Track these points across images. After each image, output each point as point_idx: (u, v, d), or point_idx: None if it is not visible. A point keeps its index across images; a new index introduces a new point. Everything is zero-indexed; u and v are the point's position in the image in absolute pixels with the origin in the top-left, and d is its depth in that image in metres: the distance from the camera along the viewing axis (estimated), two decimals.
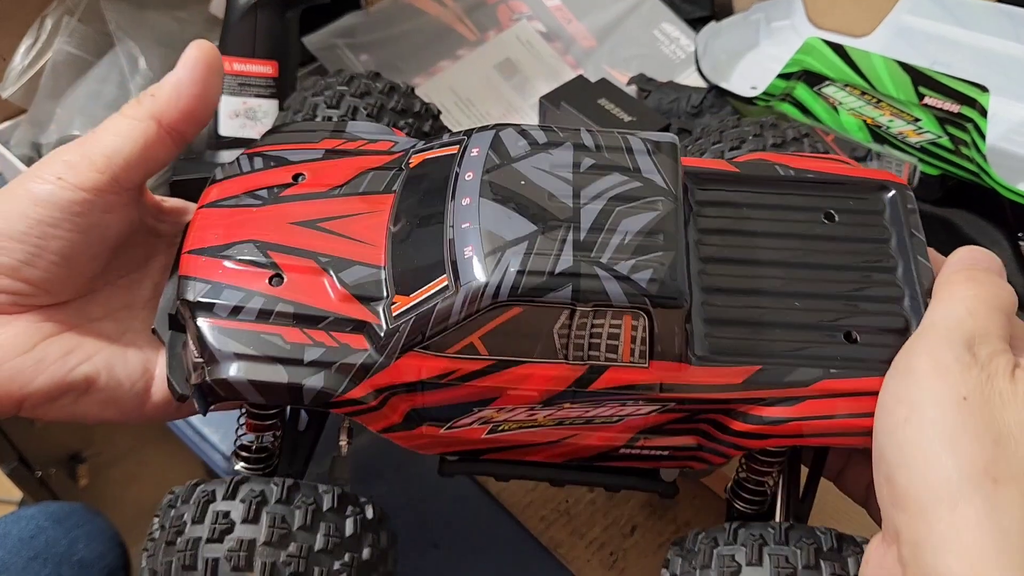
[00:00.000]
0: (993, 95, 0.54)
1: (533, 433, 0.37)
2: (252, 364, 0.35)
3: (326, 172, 0.39)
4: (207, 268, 0.36)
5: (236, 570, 0.34)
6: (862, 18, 0.67)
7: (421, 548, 0.49)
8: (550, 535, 0.50)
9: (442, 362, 0.35)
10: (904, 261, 0.37)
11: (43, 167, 0.36)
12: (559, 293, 0.33)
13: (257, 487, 0.36)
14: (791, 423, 0.35)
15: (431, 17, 0.74)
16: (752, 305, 0.37)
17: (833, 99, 0.62)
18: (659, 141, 0.38)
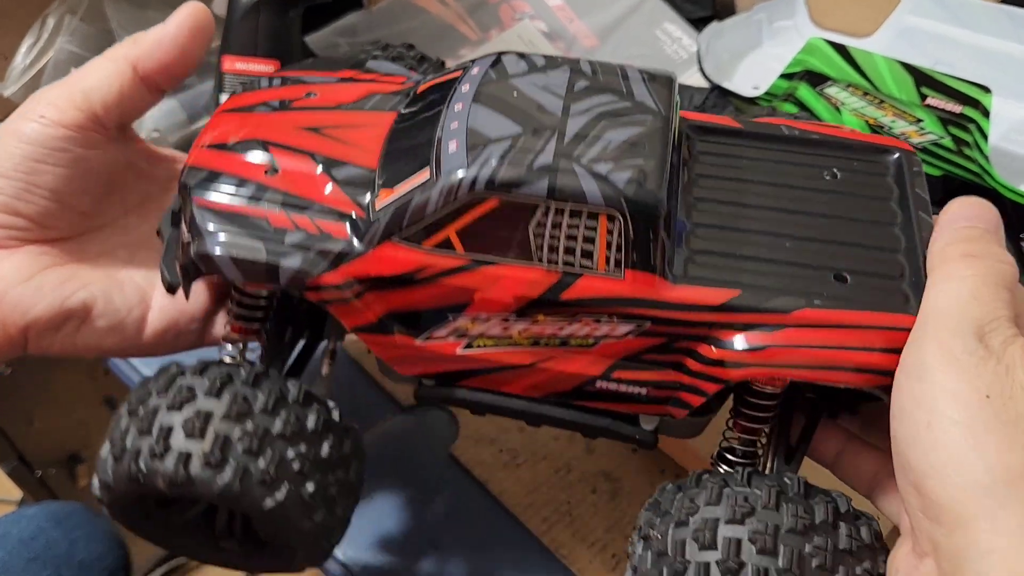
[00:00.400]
0: (995, 95, 0.54)
1: (508, 353, 0.37)
2: (235, 241, 0.36)
3: (337, 91, 0.41)
4: (210, 159, 0.38)
5: (189, 436, 0.35)
6: (864, 18, 0.67)
7: (421, 548, 0.49)
8: (551, 536, 0.49)
9: (418, 255, 0.35)
10: (904, 214, 0.37)
11: (29, 106, 0.38)
12: (535, 186, 0.33)
13: (225, 369, 0.37)
14: (769, 350, 0.34)
15: (433, 16, 0.74)
16: (738, 241, 0.36)
17: (835, 99, 0.62)
18: (655, 72, 0.38)
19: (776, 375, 0.35)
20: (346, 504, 0.39)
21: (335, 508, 0.38)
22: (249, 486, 0.35)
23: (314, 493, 0.36)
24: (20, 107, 0.38)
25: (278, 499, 0.35)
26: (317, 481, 0.36)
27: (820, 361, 0.34)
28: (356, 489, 0.39)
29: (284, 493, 0.35)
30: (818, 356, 0.33)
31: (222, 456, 0.35)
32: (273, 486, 0.35)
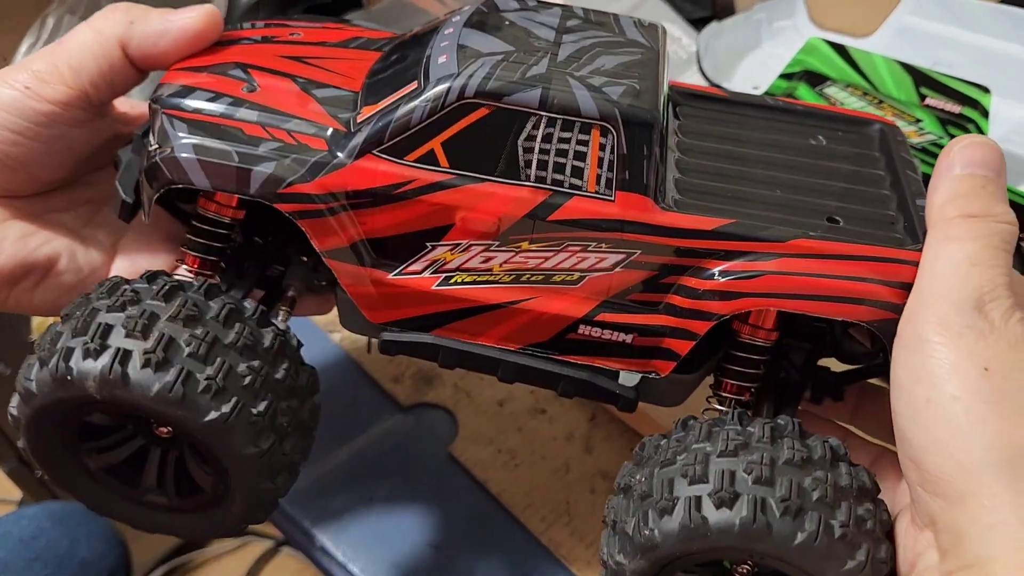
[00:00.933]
0: (994, 96, 0.54)
1: (487, 290, 0.35)
2: (204, 145, 0.34)
3: (320, 33, 0.40)
4: (184, 77, 0.36)
5: (130, 336, 0.32)
6: (864, 18, 0.67)
7: (421, 548, 0.49)
8: (550, 536, 0.49)
9: (400, 169, 0.33)
10: (892, 175, 0.37)
11: (12, 72, 0.35)
12: (527, 95, 0.32)
13: (178, 278, 0.35)
14: (765, 278, 0.33)
15: (432, 16, 0.74)
16: (730, 184, 0.36)
17: (835, 99, 0.62)
18: (645, 21, 0.39)
19: (772, 305, 0.33)
20: (296, 444, 0.36)
21: (284, 442, 0.35)
22: (193, 393, 0.32)
23: (263, 413, 0.33)
24: (1, 73, 0.36)
25: (223, 411, 0.32)
26: (269, 403, 0.34)
27: (819, 290, 0.33)
28: (309, 432, 0.37)
29: (230, 406, 0.32)
30: (817, 285, 0.33)
31: (165, 356, 0.32)
32: (219, 396, 0.32)
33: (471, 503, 0.51)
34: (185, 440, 0.36)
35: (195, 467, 0.37)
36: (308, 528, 0.50)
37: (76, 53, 0.35)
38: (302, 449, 0.37)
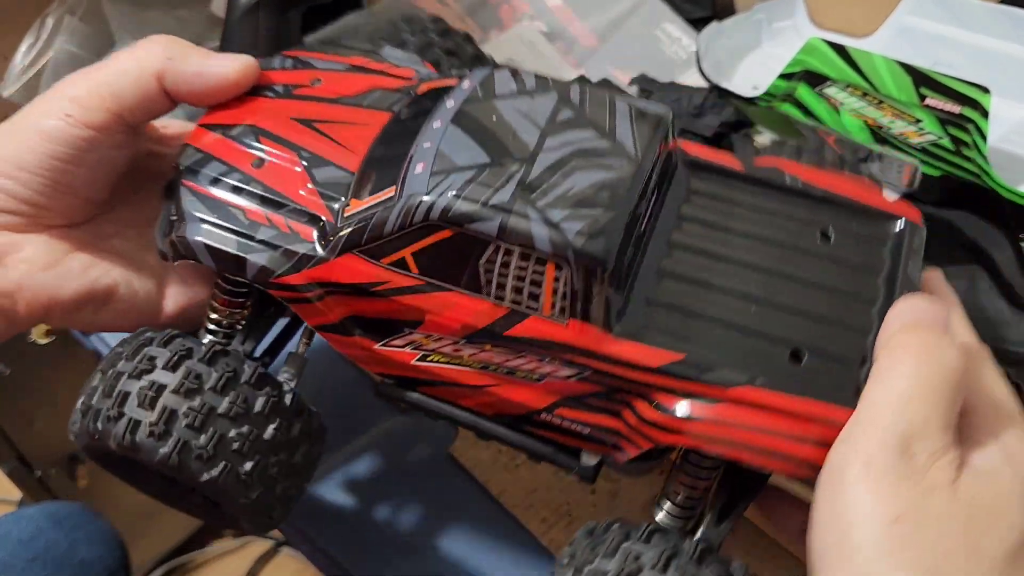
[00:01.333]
0: (995, 96, 0.54)
1: (459, 372, 0.37)
2: (211, 230, 0.38)
3: (341, 82, 0.42)
4: (205, 140, 0.40)
5: (140, 406, 0.37)
6: (864, 18, 0.67)
7: (421, 548, 0.49)
8: (551, 537, 0.49)
9: (376, 270, 0.36)
10: (887, 295, 0.35)
11: (51, 101, 0.38)
12: (486, 224, 0.33)
13: (187, 343, 0.39)
14: (700, 423, 0.33)
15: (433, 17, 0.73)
16: (702, 297, 0.35)
17: (834, 100, 0.62)
18: (646, 110, 0.37)
19: (704, 448, 0.34)
20: (289, 484, 0.40)
21: (274, 487, 0.39)
22: (187, 460, 0.37)
23: (251, 471, 0.38)
24: (40, 101, 0.39)
25: (212, 475, 0.37)
26: (256, 461, 0.38)
27: (750, 443, 0.33)
28: (303, 470, 0.41)
29: (219, 470, 0.37)
30: (748, 437, 0.33)
31: (166, 429, 0.37)
32: (210, 462, 0.37)
33: (471, 504, 0.51)
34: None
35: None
36: (308, 528, 0.50)
37: (115, 80, 0.38)
38: (297, 483, 0.41)
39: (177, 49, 0.39)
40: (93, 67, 0.38)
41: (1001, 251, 0.59)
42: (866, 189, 0.39)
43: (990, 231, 0.60)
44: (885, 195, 0.39)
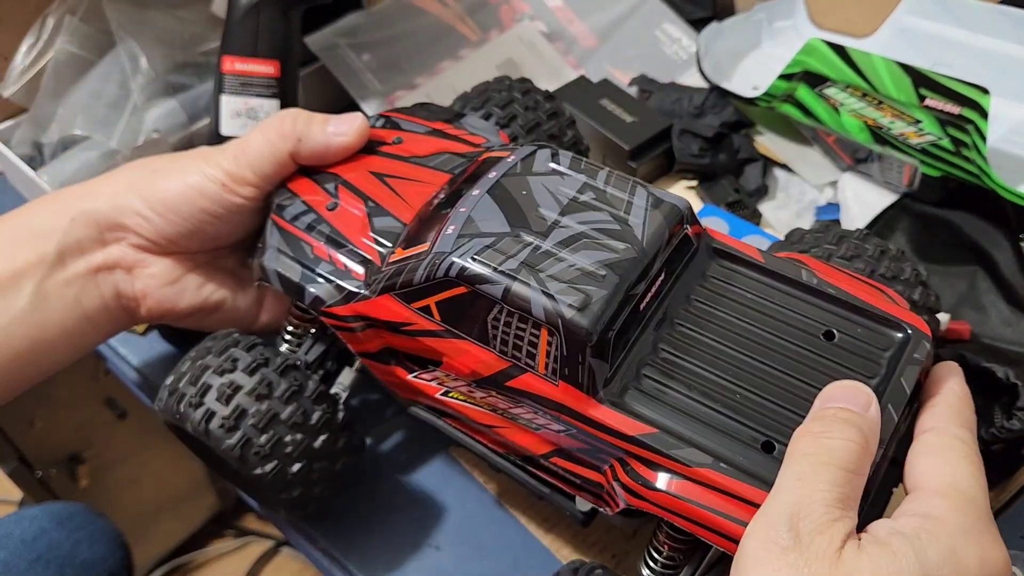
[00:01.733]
0: (994, 96, 0.54)
1: (473, 410, 0.42)
2: (281, 258, 0.44)
3: (418, 143, 0.48)
4: (298, 184, 0.46)
5: (217, 400, 0.42)
6: (864, 19, 0.67)
7: (421, 549, 0.49)
8: (552, 537, 0.50)
9: (407, 312, 0.40)
10: (879, 395, 0.36)
11: (206, 167, 0.45)
12: (493, 287, 0.37)
13: (267, 353, 0.44)
14: (662, 494, 0.36)
15: (433, 17, 0.74)
16: (693, 375, 0.38)
17: (834, 100, 0.62)
18: (663, 199, 0.39)
19: (665, 516, 0.36)
20: (325, 487, 0.45)
21: (313, 489, 0.44)
22: (247, 454, 0.42)
23: (296, 473, 0.43)
24: (196, 162, 0.45)
25: (265, 470, 0.42)
26: (303, 465, 0.43)
27: (706, 522, 0.35)
28: (339, 478, 0.45)
29: (271, 467, 0.42)
30: (705, 517, 0.35)
31: (235, 424, 0.42)
32: (265, 459, 0.42)
33: (472, 504, 0.51)
34: None
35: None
36: (308, 528, 0.50)
37: (257, 161, 0.45)
38: (332, 488, 0.46)
39: (302, 127, 0.45)
40: (240, 147, 0.45)
41: (1001, 251, 0.59)
42: (881, 296, 0.40)
43: (990, 231, 0.60)
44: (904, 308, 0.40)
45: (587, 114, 0.65)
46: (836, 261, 0.45)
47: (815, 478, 0.31)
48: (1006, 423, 0.48)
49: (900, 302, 0.41)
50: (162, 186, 0.45)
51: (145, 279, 0.47)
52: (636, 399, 0.37)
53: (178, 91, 0.66)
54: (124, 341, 0.59)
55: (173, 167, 0.46)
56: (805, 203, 0.65)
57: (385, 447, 0.53)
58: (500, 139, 0.49)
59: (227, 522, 1.29)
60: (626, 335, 0.37)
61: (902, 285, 0.44)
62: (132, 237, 0.46)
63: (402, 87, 0.70)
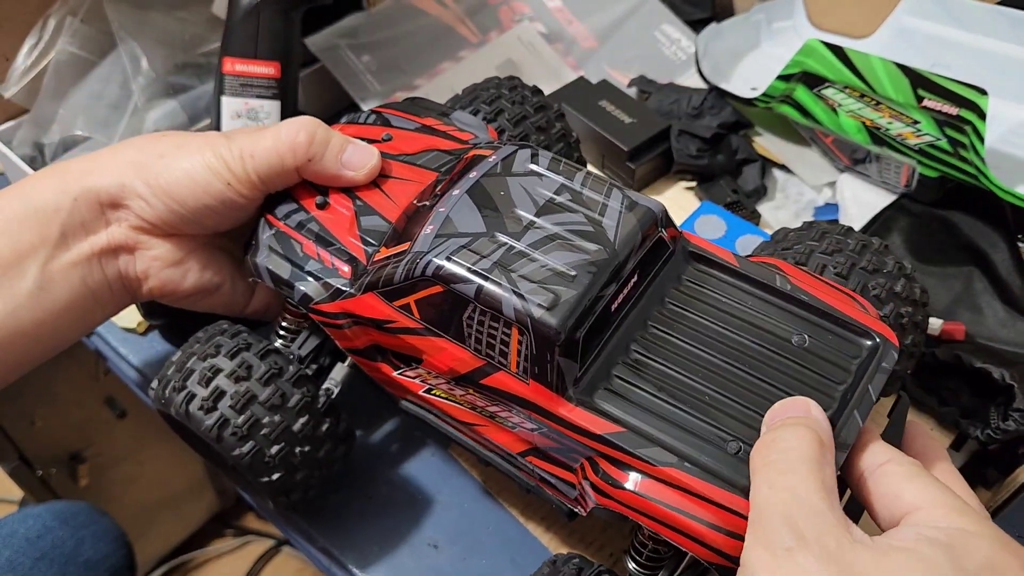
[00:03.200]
0: (992, 97, 0.54)
1: (454, 408, 0.43)
2: (272, 256, 0.45)
3: (407, 140, 0.48)
4: (294, 186, 0.47)
5: (199, 383, 0.43)
6: (863, 19, 0.67)
7: (420, 547, 0.49)
8: (550, 536, 0.50)
9: (389, 310, 0.41)
10: (840, 409, 0.36)
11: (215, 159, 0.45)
12: (467, 286, 0.37)
13: (250, 339, 0.45)
14: (628, 493, 0.36)
15: (433, 18, 0.74)
16: (663, 378, 0.38)
17: (832, 101, 0.62)
18: (638, 203, 0.40)
19: (632, 517, 0.36)
20: (308, 474, 0.45)
21: (295, 473, 0.44)
22: (225, 434, 0.42)
23: (275, 455, 0.43)
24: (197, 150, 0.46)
25: (242, 451, 0.42)
26: (281, 447, 0.43)
27: (670, 521, 0.35)
28: (322, 464, 0.45)
29: (248, 448, 0.42)
30: (668, 516, 0.35)
31: (213, 405, 0.43)
32: (242, 440, 0.42)
33: (470, 502, 0.51)
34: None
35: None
36: (308, 528, 0.50)
37: (263, 169, 0.45)
38: (317, 475, 0.46)
39: (318, 148, 0.45)
40: (252, 145, 0.45)
41: (998, 252, 0.59)
42: (853, 304, 0.41)
43: (987, 232, 0.60)
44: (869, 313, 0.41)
45: (586, 115, 0.65)
46: (817, 256, 0.45)
47: (787, 479, 0.31)
48: (1002, 424, 0.49)
49: (871, 311, 0.41)
50: (166, 174, 0.45)
51: (148, 260, 0.47)
52: (606, 398, 0.37)
53: (179, 92, 0.67)
54: (124, 341, 0.60)
55: (179, 154, 0.46)
56: (803, 203, 0.65)
57: (383, 446, 0.54)
58: (488, 135, 0.49)
59: (227, 521, 1.30)
60: (597, 335, 0.38)
61: (884, 278, 0.44)
62: (133, 219, 0.46)
63: (402, 88, 0.70)
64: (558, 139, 0.55)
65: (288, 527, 0.52)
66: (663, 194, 0.66)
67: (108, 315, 0.48)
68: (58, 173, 0.46)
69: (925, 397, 0.53)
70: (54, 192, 0.45)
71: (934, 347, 0.52)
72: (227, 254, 0.51)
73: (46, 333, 0.45)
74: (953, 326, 0.54)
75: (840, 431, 0.35)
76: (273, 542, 1.29)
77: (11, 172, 0.65)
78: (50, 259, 0.45)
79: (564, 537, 0.50)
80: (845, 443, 0.35)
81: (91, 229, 0.46)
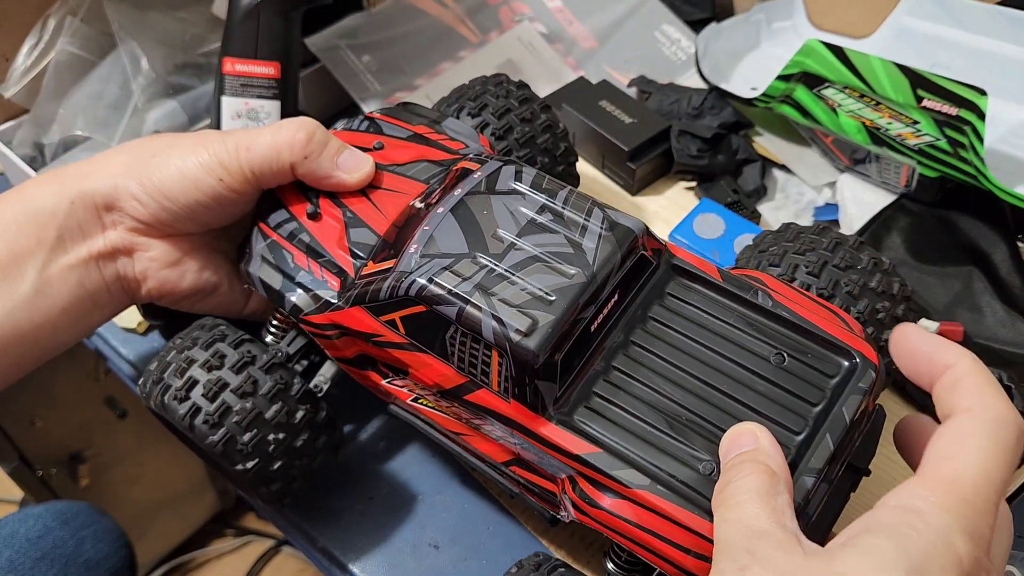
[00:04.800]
0: (992, 97, 0.54)
1: (441, 418, 0.43)
2: (265, 266, 0.46)
3: (398, 149, 0.48)
4: (284, 193, 0.48)
5: (174, 374, 0.44)
6: (863, 19, 0.67)
7: (420, 548, 0.49)
8: (550, 536, 0.50)
9: (375, 324, 0.42)
10: (811, 431, 0.37)
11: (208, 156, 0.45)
12: (448, 309, 0.38)
13: (225, 331, 0.45)
14: (602, 512, 0.37)
15: (433, 18, 0.74)
16: (641, 397, 0.38)
17: (832, 101, 0.62)
18: (617, 222, 0.40)
19: (607, 534, 0.37)
20: (286, 463, 0.44)
21: (271, 462, 0.44)
22: (198, 423, 0.42)
23: (248, 443, 0.43)
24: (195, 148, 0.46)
25: (214, 439, 0.42)
26: (255, 434, 0.43)
27: (642, 541, 0.36)
28: (303, 454, 0.45)
29: (220, 435, 0.42)
30: (641, 536, 0.36)
31: (186, 393, 0.43)
32: (214, 428, 0.42)
33: (470, 503, 0.51)
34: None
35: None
36: (308, 528, 0.51)
37: (258, 162, 0.45)
38: (299, 467, 0.45)
39: (314, 147, 0.45)
40: (248, 140, 0.45)
41: (998, 252, 0.59)
42: (835, 320, 0.41)
43: (987, 232, 0.60)
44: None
45: (586, 115, 0.65)
46: (790, 257, 0.45)
47: (737, 511, 0.31)
48: None
49: (855, 327, 0.41)
50: (159, 173, 0.45)
51: (146, 262, 0.48)
52: (585, 418, 0.38)
53: (179, 92, 0.67)
54: (124, 341, 0.60)
55: (172, 153, 0.46)
56: (803, 204, 0.65)
57: (384, 446, 0.54)
58: (480, 143, 0.50)
59: (227, 521, 1.30)
60: (577, 356, 0.38)
61: (857, 274, 0.44)
62: (128, 220, 0.46)
63: (402, 88, 0.70)
64: (544, 130, 0.55)
65: (288, 527, 0.52)
66: (663, 194, 0.66)
67: (107, 317, 0.49)
68: (55, 177, 0.46)
69: (924, 399, 0.53)
70: (51, 196, 0.45)
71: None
72: (224, 255, 0.51)
73: (44, 335, 0.45)
74: (950, 327, 0.54)
75: (811, 455, 0.35)
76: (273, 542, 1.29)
77: (11, 172, 0.65)
78: (48, 262, 0.45)
79: (564, 538, 0.50)
80: (814, 468, 0.35)
81: (88, 232, 0.46)
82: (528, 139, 0.54)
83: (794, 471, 0.35)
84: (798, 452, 0.36)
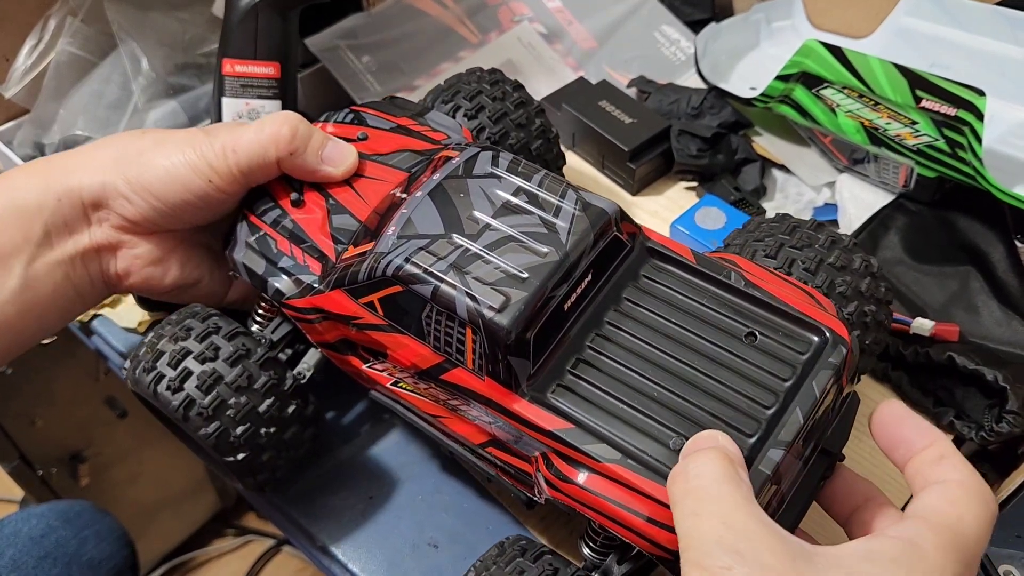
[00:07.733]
0: (991, 97, 0.54)
1: (420, 400, 0.44)
2: (248, 252, 0.47)
3: (381, 140, 0.49)
4: (270, 182, 0.48)
5: (168, 365, 0.44)
6: (862, 20, 0.67)
7: (420, 547, 0.50)
8: (550, 535, 0.50)
9: (355, 306, 0.42)
10: (781, 406, 0.37)
11: (195, 156, 0.46)
12: (423, 287, 0.39)
13: (220, 323, 0.46)
14: (573, 486, 0.37)
15: (433, 19, 0.74)
16: (615, 374, 0.39)
17: (831, 101, 0.62)
18: (592, 204, 0.41)
19: (579, 510, 0.38)
20: (275, 455, 0.45)
21: (261, 454, 0.45)
22: (191, 414, 0.43)
23: (240, 435, 0.43)
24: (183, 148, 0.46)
25: (208, 431, 0.43)
26: (247, 428, 0.44)
27: (612, 514, 0.36)
28: (288, 446, 0.46)
29: (214, 428, 0.43)
30: (611, 510, 0.36)
31: (180, 385, 0.43)
32: (208, 420, 0.43)
33: (470, 502, 0.51)
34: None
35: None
36: (308, 528, 0.51)
37: (245, 162, 0.46)
38: (286, 457, 0.46)
39: (300, 143, 0.46)
40: (234, 139, 0.46)
41: (995, 252, 0.59)
42: (806, 299, 0.41)
43: (985, 232, 0.60)
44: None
45: (586, 115, 0.66)
46: (787, 251, 0.46)
47: (712, 505, 0.31)
48: (995, 426, 0.49)
49: (827, 306, 0.41)
50: (147, 172, 0.46)
51: (130, 259, 0.48)
52: (559, 395, 0.38)
53: (179, 92, 0.67)
54: (125, 341, 0.60)
55: (159, 151, 0.46)
56: (803, 203, 0.65)
57: (384, 446, 0.54)
58: (462, 135, 0.50)
59: (228, 521, 1.30)
60: (550, 334, 0.39)
61: (851, 275, 0.45)
62: (115, 218, 0.47)
63: (402, 88, 0.70)
64: (537, 135, 0.56)
65: (288, 526, 0.52)
66: (663, 194, 0.66)
67: (89, 307, 0.50)
68: (40, 171, 0.47)
69: (921, 398, 0.53)
70: (37, 191, 0.46)
71: (927, 347, 0.52)
72: (206, 249, 0.52)
73: (30, 325, 0.46)
74: (945, 328, 0.54)
75: (781, 428, 0.36)
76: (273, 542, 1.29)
77: None
78: (34, 258, 0.45)
79: (564, 537, 0.50)
80: (784, 440, 0.36)
81: (74, 229, 0.46)
82: (522, 146, 0.55)
83: (764, 444, 0.36)
84: (768, 425, 0.37)
